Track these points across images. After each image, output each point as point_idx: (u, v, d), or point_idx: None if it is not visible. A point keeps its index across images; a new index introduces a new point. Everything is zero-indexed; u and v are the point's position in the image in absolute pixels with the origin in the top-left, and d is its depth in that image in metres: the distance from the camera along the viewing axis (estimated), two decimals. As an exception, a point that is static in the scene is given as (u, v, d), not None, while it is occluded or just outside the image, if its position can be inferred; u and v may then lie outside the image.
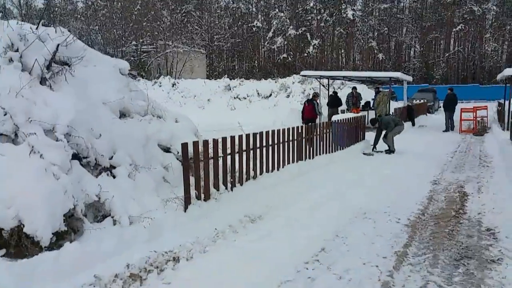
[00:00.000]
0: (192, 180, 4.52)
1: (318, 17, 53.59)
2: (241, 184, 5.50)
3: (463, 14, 46.48)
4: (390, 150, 10.15)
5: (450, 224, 4.62)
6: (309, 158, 7.75)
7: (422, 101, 22.48)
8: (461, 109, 15.51)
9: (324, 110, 12.52)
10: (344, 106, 17.18)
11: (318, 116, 11.36)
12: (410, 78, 18.89)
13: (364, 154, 10.00)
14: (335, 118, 10.53)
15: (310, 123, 8.09)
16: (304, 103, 12.00)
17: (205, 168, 4.68)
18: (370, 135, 11.67)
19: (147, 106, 5.57)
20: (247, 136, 5.80)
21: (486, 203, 5.22)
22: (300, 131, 7.41)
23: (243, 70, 58.26)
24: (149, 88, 30.38)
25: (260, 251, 3.82)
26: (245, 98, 25.75)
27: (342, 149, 9.62)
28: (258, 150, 5.97)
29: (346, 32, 51.55)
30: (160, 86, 30.02)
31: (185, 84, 29.33)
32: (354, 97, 16.58)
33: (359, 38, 52.66)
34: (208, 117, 23.86)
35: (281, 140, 6.64)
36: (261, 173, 6.05)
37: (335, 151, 9.19)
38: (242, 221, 4.58)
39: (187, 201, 4.35)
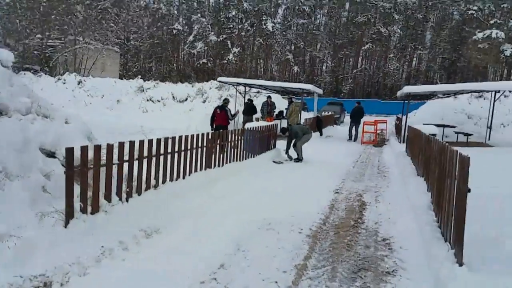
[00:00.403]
0: (78, 190, 3.97)
1: (239, 26, 54.35)
2: (139, 194, 5.04)
3: (371, 34, 50.73)
4: (298, 159, 10.43)
5: (349, 234, 4.72)
6: (219, 165, 7.52)
7: (330, 113, 23.78)
8: (364, 122, 16.69)
9: (240, 118, 12.37)
10: (259, 114, 17.41)
11: (229, 123, 11.20)
12: (320, 91, 19.86)
13: (274, 162, 10.10)
14: (248, 126, 10.48)
15: (221, 130, 7.87)
16: (215, 109, 11.51)
17: (95, 177, 4.16)
18: (281, 143, 11.89)
19: (31, 103, 4.84)
20: (150, 141, 5.37)
21: (383, 213, 5.47)
22: (210, 137, 7.15)
23: (160, 72, 56.50)
24: (51, 85, 27.96)
25: (151, 271, 3.46)
26: (159, 101, 24.80)
27: (253, 157, 9.59)
28: (161, 157, 5.56)
29: (265, 43, 52.99)
30: (64, 83, 27.62)
31: (92, 83, 27.36)
32: (269, 105, 16.88)
33: (277, 50, 54.50)
34: (116, 119, 22.56)
35: (188, 147, 6.30)
36: (164, 181, 5.64)
37: (246, 159, 9.12)
38: (136, 236, 4.16)
39: (68, 215, 3.78)
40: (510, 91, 18.43)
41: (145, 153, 5.19)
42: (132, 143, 4.99)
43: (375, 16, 51.87)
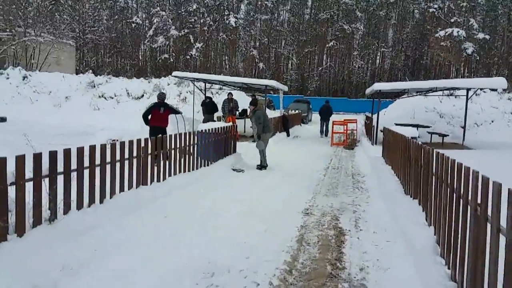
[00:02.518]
0: None
1: (202, 21, 52.34)
2: (20, 235, 3.39)
3: (335, 31, 50.24)
4: (262, 166, 9.01)
5: (326, 288, 3.29)
6: (158, 180, 5.93)
7: (297, 111, 22.56)
8: (333, 121, 15.55)
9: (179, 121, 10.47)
10: (220, 113, 15.88)
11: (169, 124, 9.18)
12: (285, 88, 18.55)
13: (233, 170, 8.62)
14: (201, 127, 8.92)
15: (161, 134, 6.28)
16: (154, 107, 8.80)
17: None
18: (242, 147, 10.43)
19: None
20: (53, 154, 3.72)
21: (368, 250, 4.09)
22: (145, 145, 5.55)
23: (122, 68, 53.57)
24: (-9, 80, 25.03)
25: None
26: (112, 98, 22.65)
27: (209, 164, 8.07)
28: (63, 176, 3.93)
29: (229, 38, 51.32)
30: (8, 78, 24.81)
31: (39, 78, 24.76)
32: (231, 103, 15.32)
33: (242, 46, 52.99)
34: (64, 118, 20.31)
35: (108, 160, 4.68)
36: (66, 211, 4.01)
37: (198, 168, 7.58)
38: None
39: None
40: (481, 89, 17.88)
41: (43, 172, 3.55)
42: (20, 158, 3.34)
43: (337, 13, 51.42)
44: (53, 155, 3.73)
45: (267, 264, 3.70)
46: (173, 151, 6.52)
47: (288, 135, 16.49)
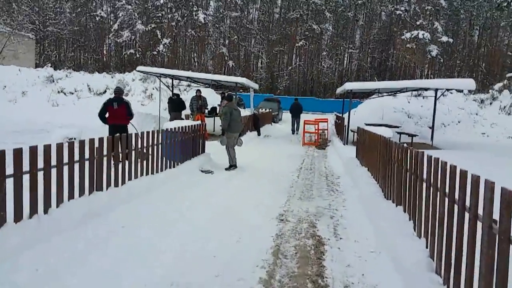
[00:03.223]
0: None
1: (169, 16, 51.00)
2: None
3: (304, 31, 50.36)
4: (231, 166, 8.54)
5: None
6: (116, 185, 5.29)
7: (267, 110, 22.19)
8: (304, 121, 15.27)
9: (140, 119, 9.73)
10: (189, 111, 15.21)
11: (130, 121, 8.41)
12: (256, 86, 18.11)
13: (201, 171, 8.08)
14: (166, 125, 8.30)
15: (119, 133, 5.64)
16: (108, 103, 8.06)
17: None
18: (212, 146, 9.89)
19: None
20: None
21: (351, 263, 3.68)
22: (100, 145, 4.91)
23: (81, 62, 51.35)
24: None
25: None
26: (72, 93, 21.43)
27: (175, 166, 7.48)
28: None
29: (198, 35, 50.30)
30: (-44, 71, 22.94)
31: (-8, 72, 23.03)
32: (200, 100, 14.67)
33: (211, 43, 52.10)
34: (20, 115, 18.97)
35: (55, 163, 4.03)
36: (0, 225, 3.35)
37: (163, 170, 6.97)
38: None
39: None
40: (448, 90, 18.16)
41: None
42: None
43: (307, 13, 51.56)
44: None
45: (240, 285, 3.21)
46: (133, 152, 5.89)
47: (259, 134, 16.07)
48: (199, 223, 4.69)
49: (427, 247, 3.40)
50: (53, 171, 3.99)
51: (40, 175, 3.80)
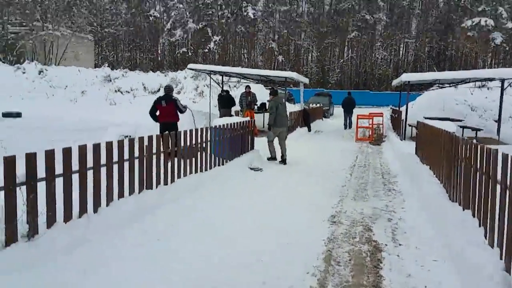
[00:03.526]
0: None
1: (220, 13, 51.62)
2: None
3: (356, 22, 48.68)
4: (271, 158, 8.74)
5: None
6: (166, 183, 5.28)
7: (318, 105, 21.67)
8: (358, 115, 14.66)
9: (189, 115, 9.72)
10: (238, 107, 15.19)
11: (179, 119, 8.36)
12: (306, 80, 17.69)
13: (251, 169, 7.94)
14: (215, 122, 8.25)
15: (169, 131, 5.63)
16: (158, 101, 8.20)
17: None
18: (261, 143, 9.73)
19: None
20: (29, 157, 3.11)
21: (412, 273, 3.33)
22: (149, 144, 4.91)
23: (136, 62, 53.52)
24: (9, 75, 25.11)
25: None
26: (128, 92, 22.29)
27: (223, 163, 7.40)
28: (45, 183, 3.31)
29: (247, 31, 50.44)
30: (24, 73, 24.77)
31: (55, 72, 24.62)
32: (248, 97, 14.59)
33: (260, 39, 52.01)
34: (79, 113, 20.04)
35: (104, 162, 4.05)
36: (50, 224, 3.39)
37: (212, 167, 6.91)
38: None
39: None
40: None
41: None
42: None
43: (359, 2, 49.71)
44: (29, 158, 3.10)
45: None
46: (182, 149, 5.87)
47: (309, 130, 15.68)
48: (246, 224, 4.52)
49: (501, 258, 2.97)
50: (103, 170, 4.01)
51: (90, 174, 3.83)
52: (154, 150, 5.05)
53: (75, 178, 3.67)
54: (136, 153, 4.61)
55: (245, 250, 3.76)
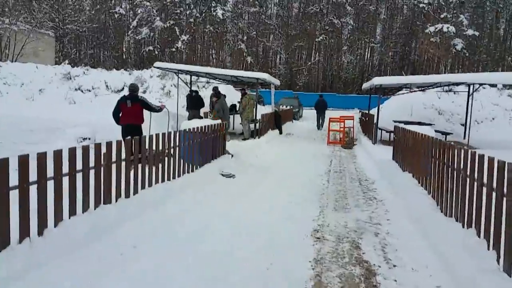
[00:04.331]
0: None
1: (188, 12, 50.56)
2: None
3: (324, 26, 49.12)
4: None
5: None
6: (127, 195, 4.63)
7: (288, 107, 21.39)
8: (330, 118, 14.45)
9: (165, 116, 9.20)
10: (207, 108, 14.59)
11: (143, 121, 7.48)
12: (277, 82, 17.31)
13: (222, 175, 7.40)
14: (184, 125, 7.65)
15: (132, 134, 4.99)
16: (121, 101, 7.32)
17: None
18: (231, 146, 9.21)
19: None
20: None
21: (417, 305, 2.93)
22: (107, 151, 4.26)
23: (100, 59, 51.48)
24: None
25: None
26: (89, 91, 21.09)
27: (193, 170, 6.82)
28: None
29: (216, 31, 49.70)
30: (-25, 69, 22.94)
31: (10, 69, 22.94)
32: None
33: (229, 39, 51.40)
34: (36, 113, 18.76)
35: (52, 175, 3.39)
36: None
37: (181, 175, 6.30)
38: None
39: None
40: (480, 85, 16.97)
41: None
42: None
43: (327, 6, 50.25)
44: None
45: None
46: (147, 156, 5.24)
47: (280, 132, 15.31)
48: (220, 243, 3.98)
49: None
50: (50, 184, 3.35)
51: (34, 188, 3.17)
52: (114, 158, 4.41)
53: (15, 193, 3.01)
54: (92, 163, 3.96)
55: (217, 277, 3.22)
